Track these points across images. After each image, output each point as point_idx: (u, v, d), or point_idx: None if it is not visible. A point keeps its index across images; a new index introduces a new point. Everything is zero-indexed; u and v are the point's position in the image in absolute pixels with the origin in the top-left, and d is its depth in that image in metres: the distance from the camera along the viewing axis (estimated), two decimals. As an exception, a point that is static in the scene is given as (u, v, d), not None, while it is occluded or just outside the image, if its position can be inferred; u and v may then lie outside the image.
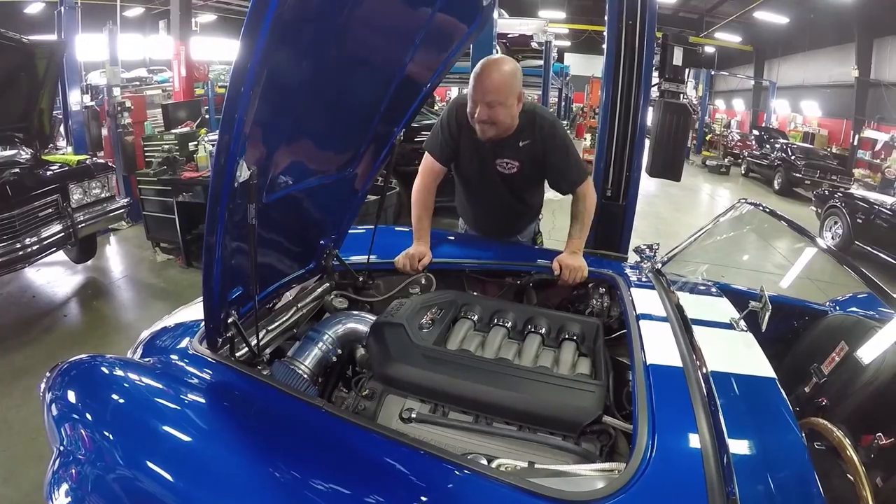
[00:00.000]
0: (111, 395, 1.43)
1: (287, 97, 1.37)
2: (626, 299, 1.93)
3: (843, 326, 2.07)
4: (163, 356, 1.65)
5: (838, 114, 17.68)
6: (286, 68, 1.28)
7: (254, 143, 1.32)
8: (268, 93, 1.21)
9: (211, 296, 1.42)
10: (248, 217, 1.36)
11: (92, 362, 1.56)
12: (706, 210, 11.20)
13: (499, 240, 2.65)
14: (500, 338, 1.79)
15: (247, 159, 1.29)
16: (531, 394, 1.46)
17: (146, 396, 1.43)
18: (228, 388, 1.49)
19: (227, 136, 1.19)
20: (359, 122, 1.77)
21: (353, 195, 2.03)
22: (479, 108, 2.07)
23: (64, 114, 6.43)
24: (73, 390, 1.47)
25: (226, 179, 1.24)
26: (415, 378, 1.52)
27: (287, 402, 1.39)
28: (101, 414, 1.38)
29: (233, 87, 1.14)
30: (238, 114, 1.16)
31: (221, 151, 1.21)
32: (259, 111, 1.23)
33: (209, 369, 1.53)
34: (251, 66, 1.11)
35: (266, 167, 1.43)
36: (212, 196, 1.26)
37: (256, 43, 1.10)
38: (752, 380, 1.47)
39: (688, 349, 1.57)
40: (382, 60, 1.65)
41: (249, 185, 1.31)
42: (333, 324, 1.80)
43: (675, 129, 3.01)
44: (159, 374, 1.51)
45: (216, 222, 1.28)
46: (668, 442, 1.22)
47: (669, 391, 1.38)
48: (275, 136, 1.42)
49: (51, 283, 4.90)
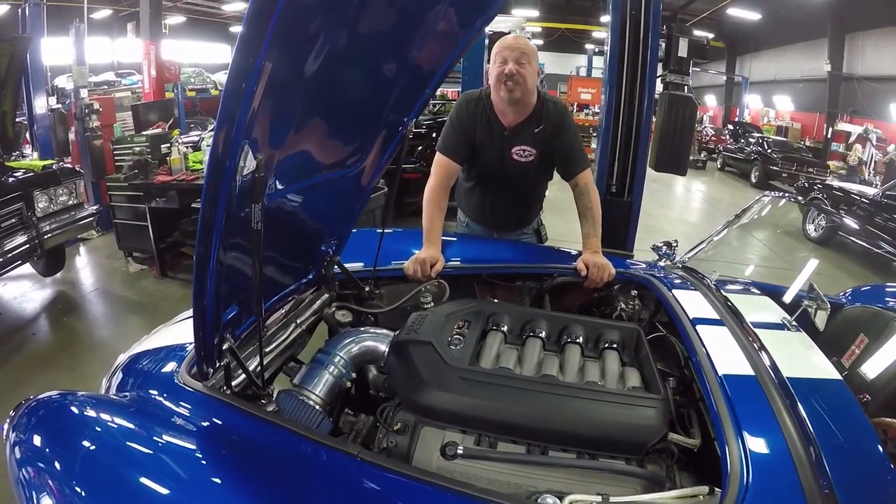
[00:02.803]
0: (82, 443, 1.21)
1: (295, 81, 1.20)
2: (672, 302, 1.79)
3: (862, 319, 2.01)
4: (144, 389, 1.44)
5: (811, 107, 17.98)
6: (297, 48, 1.12)
7: (259, 131, 1.14)
8: (277, 73, 1.05)
9: (204, 318, 1.21)
10: (252, 220, 1.15)
11: (62, 401, 1.35)
12: (687, 205, 11.32)
13: (505, 239, 2.55)
14: (538, 351, 1.62)
15: (252, 146, 1.09)
16: (588, 415, 1.30)
17: (124, 444, 1.21)
18: (227, 429, 1.27)
19: (230, 116, 1.01)
20: (369, 110, 1.59)
21: (359, 194, 1.84)
22: (510, 64, 2.13)
23: (29, 118, 6.15)
24: (40, 434, 1.26)
25: (226, 174, 1.06)
26: (455, 406, 1.32)
27: (305, 446, 1.17)
28: (70, 464, 1.18)
29: (240, 57, 0.98)
30: (247, 86, 1.00)
31: (221, 136, 1.03)
32: (266, 95, 1.07)
33: (201, 406, 1.30)
34: (266, 40, 0.96)
35: (269, 161, 1.25)
36: (207, 195, 1.07)
37: (272, 19, 0.96)
38: (823, 383, 1.37)
39: (756, 355, 1.45)
40: (395, 46, 1.46)
41: (256, 178, 1.12)
42: (346, 343, 1.59)
43: (680, 122, 2.89)
44: (141, 415, 1.29)
45: (212, 228, 1.09)
46: (762, 463, 1.10)
47: (750, 404, 1.26)
48: (281, 124, 1.24)
49: (17, 299, 4.65)
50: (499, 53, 2.18)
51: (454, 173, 2.35)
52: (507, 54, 2.15)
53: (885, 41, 14.36)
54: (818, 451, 1.11)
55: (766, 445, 1.15)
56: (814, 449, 1.12)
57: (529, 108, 2.26)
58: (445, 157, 2.31)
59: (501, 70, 2.15)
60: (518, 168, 2.32)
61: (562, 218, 2.84)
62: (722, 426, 1.19)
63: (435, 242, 2.15)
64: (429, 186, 2.29)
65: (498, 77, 2.17)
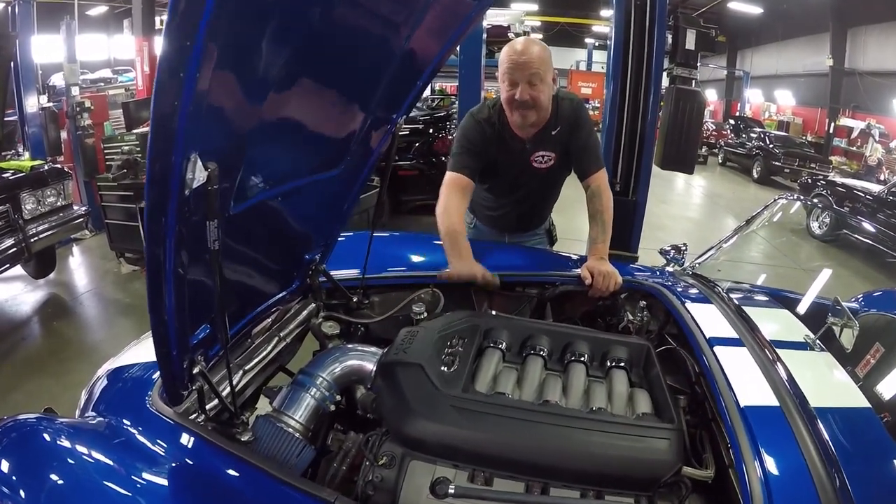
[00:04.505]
0: (50, 475, 1.12)
1: (254, 68, 1.01)
2: (685, 316, 1.65)
3: (877, 327, 1.90)
4: (117, 413, 1.32)
5: (812, 102, 17.89)
6: (251, 23, 0.93)
7: (212, 132, 0.95)
8: (228, 59, 0.87)
9: (166, 343, 1.07)
10: (208, 239, 0.98)
11: (36, 426, 1.25)
12: (688, 200, 11.23)
13: (514, 242, 2.43)
14: (539, 371, 1.48)
15: (202, 155, 0.89)
16: (594, 448, 1.18)
17: (91, 479, 1.11)
18: (195, 466, 1.15)
19: (164, 119, 0.82)
20: (350, 105, 1.44)
21: (344, 197, 1.69)
22: (521, 89, 1.94)
23: (20, 117, 6.03)
24: (9, 459, 1.18)
25: (170, 191, 0.88)
26: (446, 438, 1.19)
27: (276, 489, 1.06)
28: (35, 495, 1.09)
29: (173, 38, 0.77)
30: (185, 80, 0.79)
31: (160, 141, 0.84)
32: (218, 83, 0.87)
33: (171, 436, 1.19)
34: (206, 8, 0.75)
35: (231, 166, 1.07)
36: (150, 211, 0.89)
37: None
38: (852, 413, 1.24)
39: (780, 382, 1.32)
40: (377, 36, 1.32)
41: (209, 191, 0.93)
42: (328, 362, 1.46)
43: (687, 117, 2.77)
44: (111, 447, 1.18)
45: (161, 248, 0.93)
46: None
47: (776, 440, 1.13)
48: (242, 120, 1.06)
49: (9, 302, 4.57)
50: (507, 73, 1.95)
51: (470, 189, 2.12)
52: (518, 76, 1.93)
53: (888, 36, 14.26)
54: (850, 495, 1.01)
55: (792, 488, 1.04)
56: (845, 494, 1.01)
57: (547, 115, 2.09)
58: (458, 174, 2.07)
59: (511, 95, 1.96)
60: (538, 174, 2.20)
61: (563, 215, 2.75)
62: (745, 465, 1.07)
63: (466, 254, 1.93)
64: (444, 206, 2.02)
65: (509, 102, 2.00)
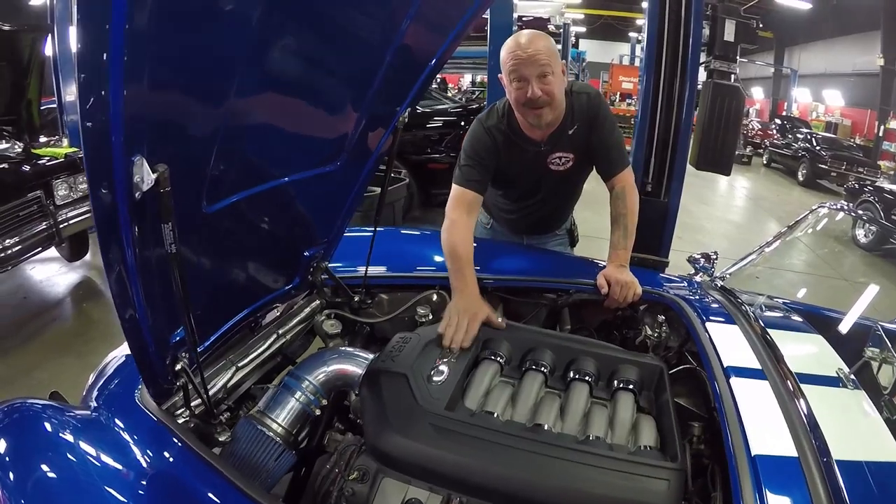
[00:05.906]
0: (40, 464, 1.10)
1: (217, 61, 0.93)
2: (703, 340, 1.49)
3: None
4: (110, 405, 1.31)
5: (862, 103, 17.35)
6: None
7: (163, 132, 0.87)
8: (168, 53, 0.78)
9: (142, 346, 1.03)
10: (164, 243, 0.93)
11: (41, 413, 1.25)
12: (730, 202, 10.92)
13: (531, 244, 2.32)
14: (537, 388, 1.37)
15: (149, 154, 0.82)
16: (582, 485, 1.06)
17: (76, 473, 1.10)
18: (168, 469, 1.11)
19: (92, 112, 0.72)
20: (344, 97, 1.35)
21: (346, 192, 1.60)
22: (532, 87, 1.76)
23: (58, 105, 6.21)
24: (6, 439, 1.18)
25: (117, 188, 0.80)
26: (420, 458, 1.11)
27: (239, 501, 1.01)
28: (23, 482, 1.08)
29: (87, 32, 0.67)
30: (110, 82, 0.69)
31: (94, 141, 0.75)
32: (158, 83, 0.78)
33: (151, 434, 1.16)
34: None
35: (194, 167, 1.00)
36: (99, 218, 0.83)
37: None
38: (884, 469, 1.06)
39: (800, 426, 1.15)
40: (366, 21, 1.23)
41: (161, 193, 0.87)
42: (315, 365, 1.40)
43: (725, 115, 2.62)
44: (100, 439, 1.16)
45: (118, 251, 0.88)
46: None
47: (788, 496, 1.00)
48: (202, 119, 0.98)
49: (43, 283, 4.74)
50: (513, 70, 1.78)
51: (477, 204, 1.94)
52: (526, 71, 1.76)
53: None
54: None
55: None
56: None
57: (561, 113, 1.92)
58: (464, 189, 1.89)
59: (523, 93, 1.79)
60: (556, 176, 2.05)
61: (596, 213, 2.63)
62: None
63: (472, 289, 1.66)
64: (450, 227, 1.82)
65: (519, 101, 1.83)
